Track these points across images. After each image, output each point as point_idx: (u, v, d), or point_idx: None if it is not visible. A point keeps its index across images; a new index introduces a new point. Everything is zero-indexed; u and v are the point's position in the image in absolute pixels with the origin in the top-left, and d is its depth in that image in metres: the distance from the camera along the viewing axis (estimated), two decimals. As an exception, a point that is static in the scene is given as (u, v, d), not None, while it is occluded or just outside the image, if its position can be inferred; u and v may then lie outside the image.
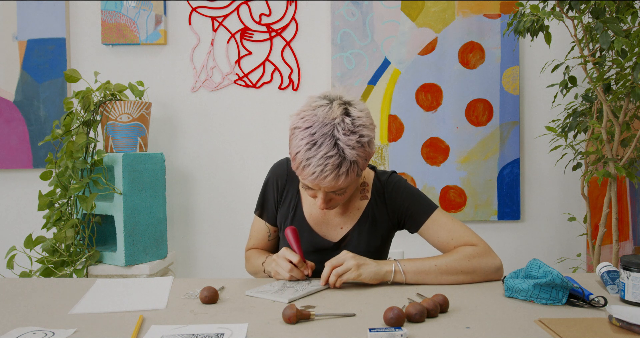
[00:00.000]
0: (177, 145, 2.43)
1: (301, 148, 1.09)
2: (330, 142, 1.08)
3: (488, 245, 1.24)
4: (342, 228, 1.32)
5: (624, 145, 1.96)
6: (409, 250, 2.39)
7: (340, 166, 1.09)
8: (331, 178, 1.09)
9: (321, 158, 1.07)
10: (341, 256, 1.15)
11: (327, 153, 1.07)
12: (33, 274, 1.89)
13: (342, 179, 1.10)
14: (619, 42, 1.58)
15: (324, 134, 1.08)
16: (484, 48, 2.35)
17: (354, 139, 1.09)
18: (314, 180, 1.10)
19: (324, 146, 1.07)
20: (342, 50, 2.37)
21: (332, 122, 1.09)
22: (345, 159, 1.09)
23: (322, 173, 1.08)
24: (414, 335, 0.86)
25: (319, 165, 1.08)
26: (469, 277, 1.18)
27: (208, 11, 2.40)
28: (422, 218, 1.29)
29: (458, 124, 2.37)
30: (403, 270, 1.15)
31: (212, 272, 2.44)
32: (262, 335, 0.87)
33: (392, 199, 1.32)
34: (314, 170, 1.08)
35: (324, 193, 1.16)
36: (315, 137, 1.08)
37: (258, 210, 1.41)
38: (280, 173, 1.37)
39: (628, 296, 1.01)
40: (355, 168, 1.12)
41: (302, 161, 1.10)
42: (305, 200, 1.34)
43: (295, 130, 1.12)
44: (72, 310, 1.01)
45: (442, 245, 1.27)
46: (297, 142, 1.10)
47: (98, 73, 2.16)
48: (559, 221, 2.42)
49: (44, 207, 1.96)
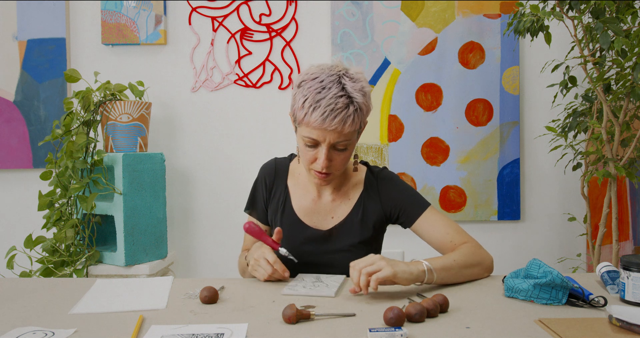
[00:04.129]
0: (177, 145, 2.43)
1: (310, 94, 1.14)
2: (338, 86, 1.14)
3: (477, 241, 1.29)
4: (333, 217, 1.33)
5: (624, 145, 1.96)
6: (409, 250, 2.39)
7: (348, 107, 1.14)
8: (340, 119, 1.12)
9: (331, 98, 1.12)
10: (368, 258, 1.07)
11: (336, 93, 1.13)
12: (33, 274, 1.89)
13: (349, 122, 1.14)
14: (619, 42, 1.58)
15: (332, 80, 1.15)
16: (484, 48, 2.35)
17: (359, 86, 1.16)
18: (324, 121, 1.12)
19: (332, 89, 1.13)
20: (342, 50, 2.37)
21: (337, 72, 1.17)
22: (353, 101, 1.15)
23: (332, 113, 1.12)
24: (414, 335, 0.86)
25: (329, 105, 1.12)
26: (477, 270, 1.21)
27: (208, 11, 2.40)
28: (416, 214, 1.30)
29: (458, 124, 2.37)
30: (433, 268, 1.11)
31: (212, 272, 2.44)
32: (262, 335, 0.87)
33: (386, 192, 1.33)
34: (323, 110, 1.12)
35: (327, 148, 1.17)
36: (323, 83, 1.15)
37: (248, 208, 1.43)
38: (268, 171, 1.40)
39: (628, 296, 1.01)
40: (360, 114, 1.17)
41: (311, 104, 1.13)
42: (294, 194, 1.36)
43: (301, 83, 1.18)
44: (72, 310, 1.01)
45: (438, 242, 1.28)
46: (305, 91, 1.15)
47: (98, 73, 2.16)
48: (559, 221, 2.42)
49: (44, 207, 1.96)
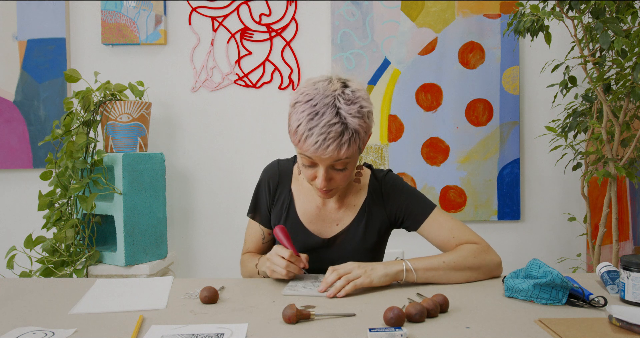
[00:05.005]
0: (177, 145, 2.43)
1: (303, 119, 1.08)
2: (332, 111, 1.07)
3: (487, 243, 1.25)
4: (337, 225, 1.31)
5: (624, 145, 1.96)
6: (408, 250, 2.39)
7: (342, 134, 1.07)
8: (334, 148, 1.07)
9: (324, 126, 1.06)
10: (346, 265, 1.12)
11: (329, 121, 1.06)
12: (33, 274, 1.89)
13: (345, 149, 1.09)
14: (619, 42, 1.58)
15: (326, 104, 1.08)
16: (484, 48, 2.35)
17: (354, 108, 1.09)
18: (317, 150, 1.08)
19: (326, 115, 1.07)
20: (342, 50, 2.36)
21: (332, 93, 1.09)
22: (348, 127, 1.08)
23: (325, 143, 1.07)
24: (414, 335, 0.86)
25: (321, 133, 1.06)
26: (474, 273, 1.19)
27: (208, 11, 2.40)
28: (422, 217, 1.28)
29: (458, 124, 2.37)
30: (413, 268, 1.14)
31: (212, 272, 2.44)
32: (262, 335, 0.87)
33: (390, 197, 1.31)
34: (316, 139, 1.06)
35: (325, 169, 1.14)
36: (316, 107, 1.08)
37: (251, 212, 1.39)
38: (272, 174, 1.36)
39: (628, 296, 1.01)
40: (356, 138, 1.10)
41: (304, 132, 1.08)
42: (299, 199, 1.33)
43: (295, 105, 1.12)
44: (72, 310, 1.01)
45: (443, 244, 1.27)
46: (298, 116, 1.09)
47: (98, 73, 2.16)
48: (559, 221, 2.42)
49: (44, 207, 1.96)
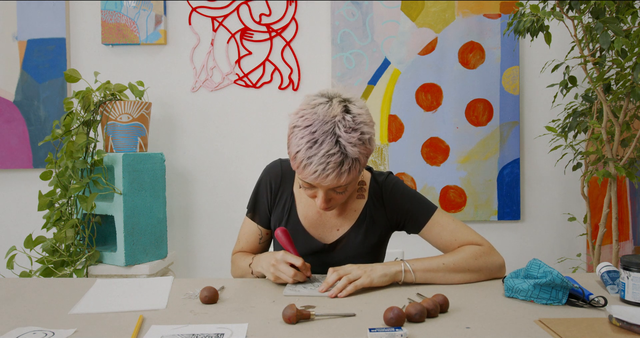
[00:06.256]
0: (177, 145, 2.43)
1: (302, 147, 1.06)
2: (332, 139, 1.05)
3: (491, 244, 1.24)
4: (338, 230, 1.30)
5: (624, 145, 1.96)
6: (408, 250, 2.39)
7: (342, 164, 1.06)
8: (333, 177, 1.06)
9: (323, 156, 1.04)
10: (346, 267, 1.13)
11: (328, 151, 1.04)
12: (33, 274, 1.89)
13: (344, 177, 1.08)
14: (619, 42, 1.58)
15: (325, 131, 1.05)
16: (484, 48, 2.35)
17: (355, 136, 1.06)
18: (316, 179, 1.07)
19: (325, 144, 1.04)
20: (342, 50, 2.36)
21: (332, 119, 1.06)
22: (347, 156, 1.06)
23: (324, 172, 1.05)
24: (414, 335, 0.86)
25: (320, 163, 1.05)
26: (475, 275, 1.18)
27: (208, 11, 2.40)
28: (423, 221, 1.27)
29: (458, 124, 2.37)
30: (412, 269, 1.14)
31: (212, 272, 2.44)
32: (262, 335, 0.87)
33: (391, 201, 1.30)
34: (315, 168, 1.05)
35: (325, 193, 1.13)
36: (316, 135, 1.05)
37: (250, 212, 1.36)
38: (274, 174, 1.33)
39: (628, 296, 1.01)
40: (357, 165, 1.09)
41: (302, 160, 1.06)
42: (300, 202, 1.31)
43: (294, 129, 1.09)
44: (72, 310, 1.01)
45: (445, 246, 1.26)
46: (297, 141, 1.07)
47: (98, 73, 2.16)
48: (559, 221, 2.42)
49: (44, 207, 1.96)
